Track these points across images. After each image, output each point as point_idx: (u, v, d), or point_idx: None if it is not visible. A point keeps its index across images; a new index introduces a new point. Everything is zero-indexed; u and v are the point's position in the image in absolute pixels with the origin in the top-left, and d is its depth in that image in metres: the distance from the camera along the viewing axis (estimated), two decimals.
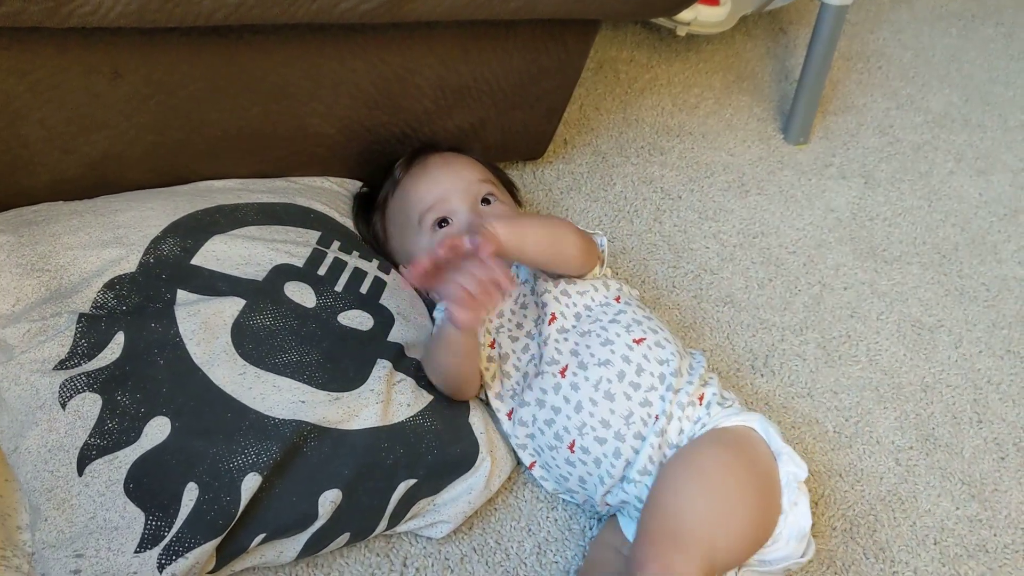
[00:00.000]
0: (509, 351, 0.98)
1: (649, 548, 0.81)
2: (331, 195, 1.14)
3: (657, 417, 0.90)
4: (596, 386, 0.91)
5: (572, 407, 0.92)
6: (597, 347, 0.93)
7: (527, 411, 0.94)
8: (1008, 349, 1.24)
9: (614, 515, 0.95)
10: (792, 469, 0.90)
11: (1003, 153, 1.55)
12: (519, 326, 0.99)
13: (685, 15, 1.43)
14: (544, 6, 1.01)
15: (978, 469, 1.10)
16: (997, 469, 1.11)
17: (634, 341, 0.94)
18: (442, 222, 1.04)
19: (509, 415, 0.97)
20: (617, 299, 1.00)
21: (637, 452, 0.90)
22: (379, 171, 1.18)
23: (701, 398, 0.93)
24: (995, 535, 1.05)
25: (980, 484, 1.09)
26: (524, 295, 1.01)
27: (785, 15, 1.74)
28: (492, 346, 0.99)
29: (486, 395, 0.99)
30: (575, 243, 0.96)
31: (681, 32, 1.49)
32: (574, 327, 0.96)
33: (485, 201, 1.06)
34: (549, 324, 0.96)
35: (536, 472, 0.97)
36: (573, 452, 0.92)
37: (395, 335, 0.97)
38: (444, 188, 1.05)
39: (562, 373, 0.93)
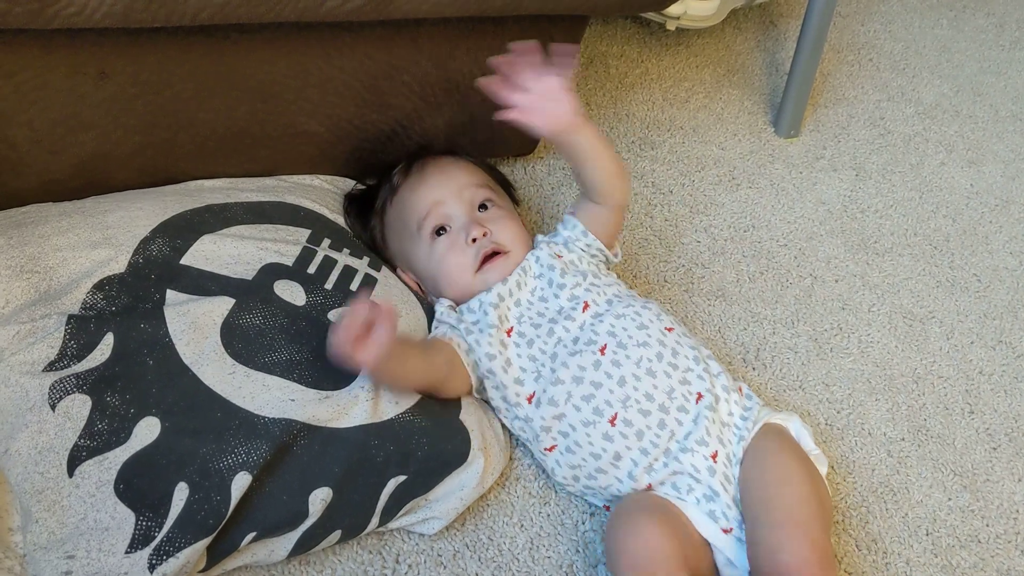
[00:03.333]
0: (533, 336, 0.98)
1: (788, 534, 0.86)
2: (321, 193, 1.14)
3: (700, 396, 0.95)
4: (638, 364, 0.95)
5: (615, 382, 0.93)
6: (634, 330, 0.97)
7: (560, 389, 0.94)
8: (1000, 339, 1.25)
9: (642, 513, 0.89)
10: (821, 468, 0.96)
11: (994, 143, 1.55)
12: (540, 314, 1.00)
13: (674, 9, 1.42)
14: (531, 2, 1.01)
15: (970, 460, 1.11)
16: (989, 459, 1.11)
17: (666, 329, 0.99)
18: (440, 230, 1.05)
19: (530, 399, 0.96)
20: (637, 296, 1.05)
21: (681, 424, 0.93)
22: (369, 168, 1.19)
23: (740, 389, 0.98)
24: (987, 525, 1.05)
25: (972, 475, 1.09)
26: (542, 288, 1.02)
27: (775, 8, 1.74)
28: (509, 333, 0.99)
29: (499, 383, 0.98)
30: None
31: (671, 26, 1.48)
32: (608, 311, 0.99)
33: (483, 207, 1.07)
34: (583, 311, 0.99)
35: (552, 457, 0.96)
36: (614, 425, 0.92)
37: None
38: (440, 194, 1.06)
39: (601, 351, 0.95)
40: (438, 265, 1.04)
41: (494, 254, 1.03)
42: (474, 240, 1.03)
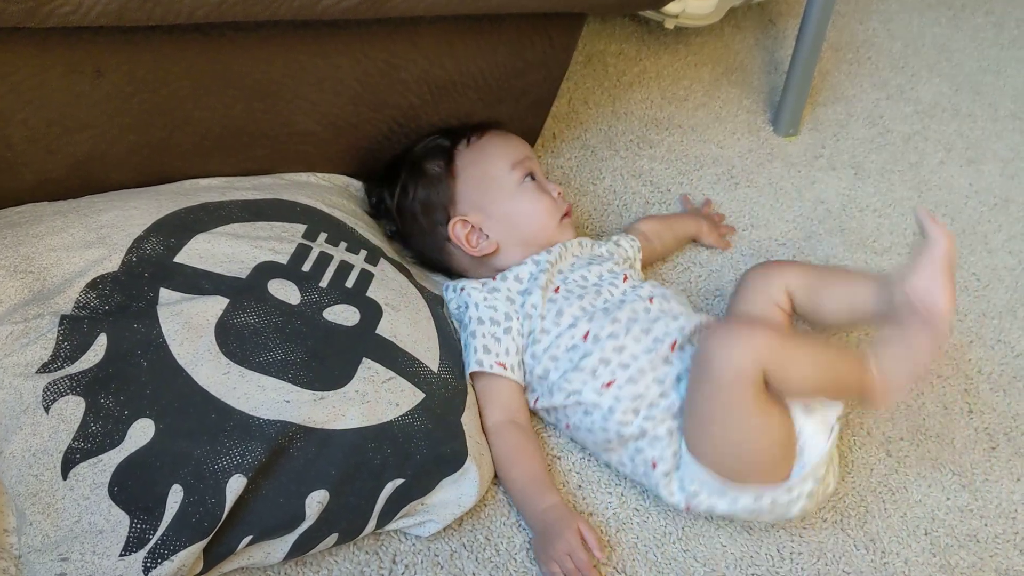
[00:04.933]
0: (581, 292, 1.05)
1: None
2: (317, 189, 1.13)
3: None
4: (683, 304, 1.06)
5: (670, 317, 1.01)
6: (673, 293, 1.07)
7: (618, 327, 0.99)
8: (999, 339, 1.24)
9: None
10: None
11: (993, 143, 1.55)
12: (584, 277, 1.07)
13: (673, 7, 1.42)
14: (528, 0, 1.00)
15: (969, 459, 1.11)
16: (988, 459, 1.11)
17: None
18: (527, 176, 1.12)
19: (584, 336, 1.00)
20: None
21: None
22: (366, 166, 1.19)
23: None
24: (986, 525, 1.05)
25: (971, 474, 1.09)
26: (581, 264, 1.08)
27: (774, 6, 1.73)
28: (556, 291, 1.05)
29: (549, 336, 1.01)
30: None
31: (669, 25, 1.48)
32: (645, 283, 1.07)
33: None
34: (623, 282, 1.06)
35: (610, 393, 0.96)
36: (673, 351, 0.98)
37: (384, 328, 0.96)
38: (528, 151, 1.15)
39: (650, 301, 1.03)
40: (530, 203, 1.10)
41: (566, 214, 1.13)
42: (558, 195, 1.13)
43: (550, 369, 1.00)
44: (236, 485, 0.79)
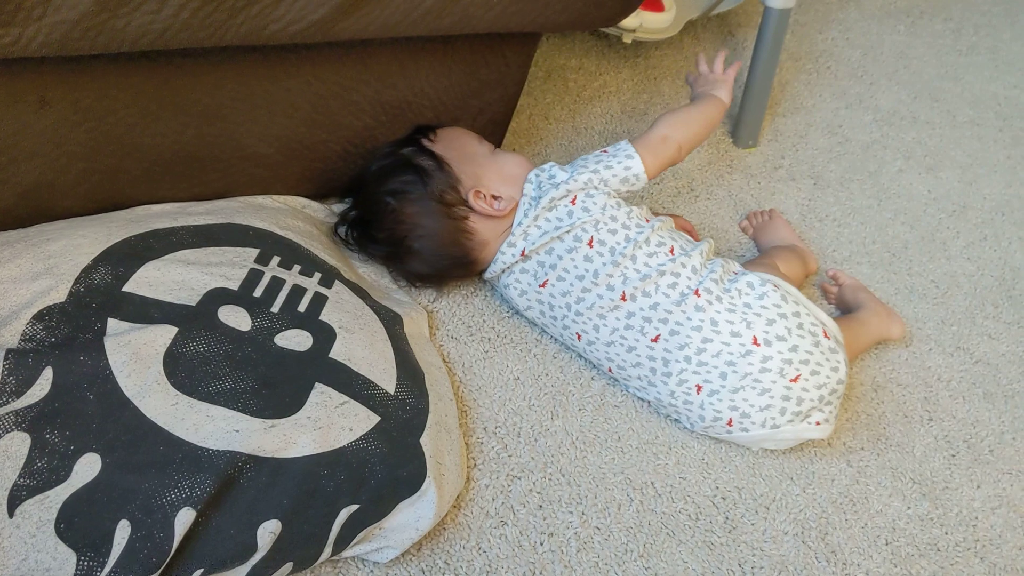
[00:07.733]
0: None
1: None
2: (272, 212, 1.13)
3: None
4: None
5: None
6: None
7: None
8: (958, 346, 1.25)
9: None
10: None
11: (951, 149, 1.56)
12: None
13: (630, 22, 1.42)
14: (479, 21, 1.00)
15: (929, 467, 1.11)
16: (948, 467, 1.12)
17: None
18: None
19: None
20: None
21: None
22: (320, 188, 1.19)
23: None
24: (946, 533, 1.05)
25: (931, 482, 1.10)
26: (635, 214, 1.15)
27: (733, 18, 1.74)
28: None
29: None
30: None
31: (627, 39, 1.49)
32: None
33: None
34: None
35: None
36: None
37: (338, 351, 0.96)
38: None
39: (671, 252, 1.10)
40: (511, 157, 1.17)
41: None
42: None
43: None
44: (185, 518, 0.78)
